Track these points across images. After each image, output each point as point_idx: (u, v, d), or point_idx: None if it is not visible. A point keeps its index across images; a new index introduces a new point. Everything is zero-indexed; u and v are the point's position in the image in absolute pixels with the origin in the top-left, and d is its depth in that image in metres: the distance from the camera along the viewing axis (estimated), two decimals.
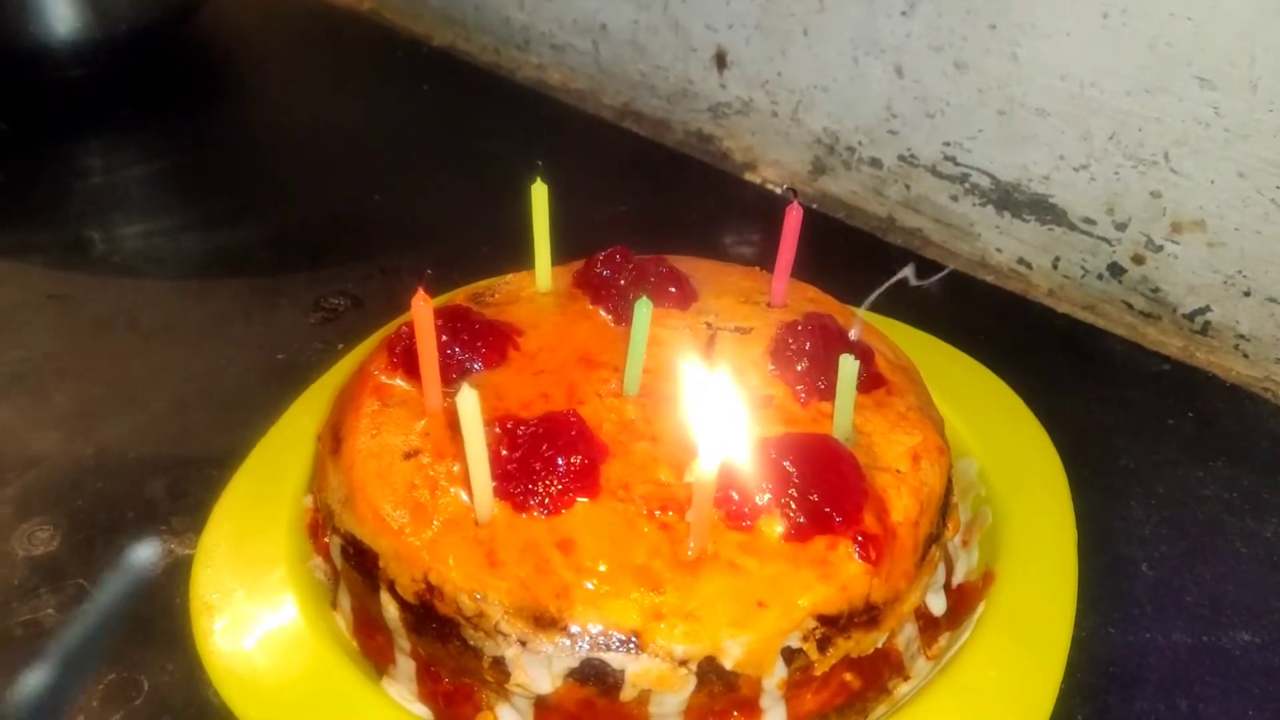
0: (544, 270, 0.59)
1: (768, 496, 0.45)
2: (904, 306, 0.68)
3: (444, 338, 0.52)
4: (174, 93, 1.08)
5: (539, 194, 0.56)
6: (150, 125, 1.02)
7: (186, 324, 0.75)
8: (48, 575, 0.55)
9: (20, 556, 0.56)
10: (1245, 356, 0.73)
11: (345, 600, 0.49)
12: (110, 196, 0.92)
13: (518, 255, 0.60)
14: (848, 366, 0.48)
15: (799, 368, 0.53)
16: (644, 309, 0.49)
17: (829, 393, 0.51)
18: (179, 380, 0.69)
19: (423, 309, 0.47)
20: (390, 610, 0.45)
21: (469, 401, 0.41)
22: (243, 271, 0.81)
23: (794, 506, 0.45)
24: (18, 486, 0.60)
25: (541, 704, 0.43)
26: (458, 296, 0.59)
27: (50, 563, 0.56)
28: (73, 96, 1.03)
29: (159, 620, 0.52)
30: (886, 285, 0.55)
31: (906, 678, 0.49)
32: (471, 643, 0.43)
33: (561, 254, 0.61)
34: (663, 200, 0.93)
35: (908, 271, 0.61)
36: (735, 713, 0.44)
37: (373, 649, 0.48)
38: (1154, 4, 0.68)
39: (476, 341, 0.53)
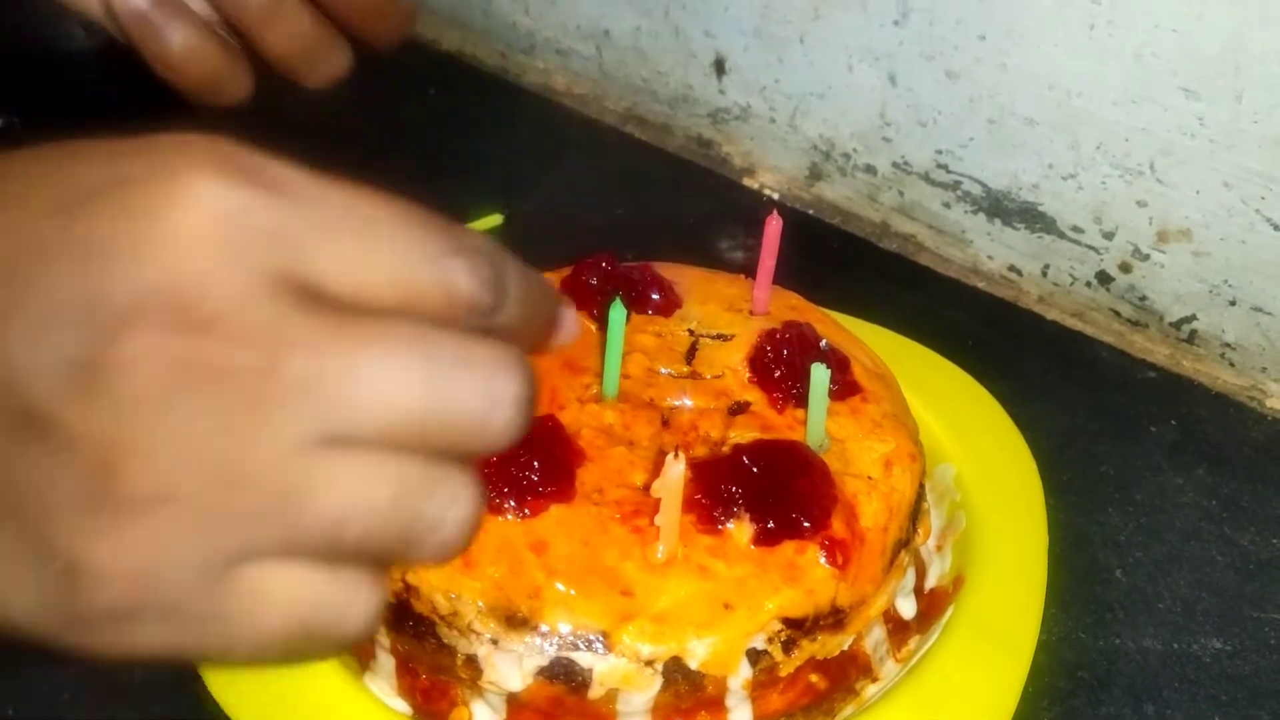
0: None
1: (739, 502, 0.47)
2: (894, 313, 0.69)
3: None
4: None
5: None
6: (157, 123, 1.04)
7: None
8: None
9: None
10: (1231, 365, 0.73)
11: None
12: None
13: (519, 258, 0.61)
14: (819, 375, 0.49)
15: (776, 375, 0.54)
16: (618, 312, 0.50)
17: (805, 400, 0.52)
18: None
19: None
20: None
21: None
22: None
23: (763, 512, 0.46)
24: None
25: (513, 700, 0.45)
26: None
27: None
28: (82, 91, 1.05)
29: None
30: None
31: (875, 679, 0.50)
32: (446, 641, 0.44)
33: (562, 259, 0.62)
34: (662, 204, 0.94)
35: None
36: (702, 711, 0.45)
37: (355, 645, 0.49)
38: (1140, 15, 0.68)
39: None
